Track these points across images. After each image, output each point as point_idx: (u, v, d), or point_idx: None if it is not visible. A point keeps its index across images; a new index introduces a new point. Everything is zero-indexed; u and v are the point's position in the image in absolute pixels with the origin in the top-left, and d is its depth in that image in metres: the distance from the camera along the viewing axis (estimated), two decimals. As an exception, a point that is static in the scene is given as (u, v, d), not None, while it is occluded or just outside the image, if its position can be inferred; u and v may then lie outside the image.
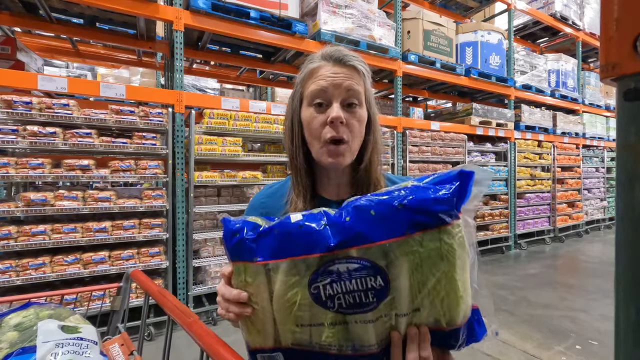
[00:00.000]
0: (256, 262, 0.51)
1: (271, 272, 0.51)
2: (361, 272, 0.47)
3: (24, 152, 2.88)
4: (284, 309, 0.50)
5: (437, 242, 0.47)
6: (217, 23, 3.12)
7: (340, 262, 0.47)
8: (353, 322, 0.48)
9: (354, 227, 0.48)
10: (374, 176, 0.74)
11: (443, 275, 0.47)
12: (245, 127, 3.25)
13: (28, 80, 2.46)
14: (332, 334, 0.49)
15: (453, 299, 0.47)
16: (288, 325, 0.51)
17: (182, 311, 0.73)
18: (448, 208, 0.47)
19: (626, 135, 0.27)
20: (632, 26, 0.26)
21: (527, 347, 2.65)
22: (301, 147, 0.73)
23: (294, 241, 0.50)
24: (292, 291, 0.49)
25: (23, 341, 0.68)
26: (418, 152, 4.65)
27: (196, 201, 3.21)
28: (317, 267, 0.48)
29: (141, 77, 4.96)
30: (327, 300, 0.48)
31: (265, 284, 0.51)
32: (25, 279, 2.45)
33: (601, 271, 4.60)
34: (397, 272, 0.47)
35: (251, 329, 0.53)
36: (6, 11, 3.01)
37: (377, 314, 0.48)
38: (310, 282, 0.48)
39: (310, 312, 0.49)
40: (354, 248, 0.47)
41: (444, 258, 0.47)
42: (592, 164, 7.55)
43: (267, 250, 0.51)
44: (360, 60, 0.72)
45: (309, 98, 0.70)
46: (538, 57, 6.28)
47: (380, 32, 4.04)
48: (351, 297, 0.47)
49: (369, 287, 0.47)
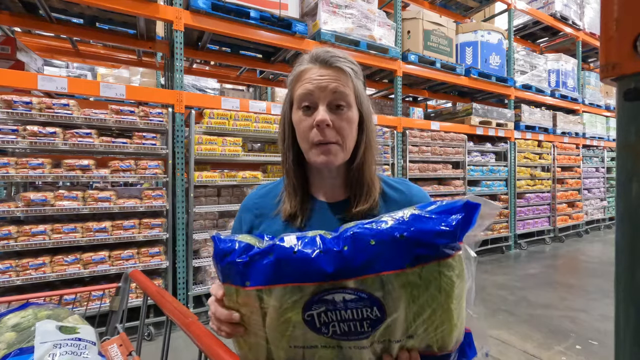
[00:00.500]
0: (247, 288, 0.50)
1: (264, 296, 0.50)
2: (357, 303, 0.46)
3: (24, 152, 2.88)
4: (277, 332, 0.50)
5: (437, 275, 0.46)
6: (217, 23, 3.11)
7: (336, 292, 0.47)
8: (347, 347, 0.48)
9: (352, 257, 0.47)
10: (367, 176, 0.74)
11: (439, 306, 0.46)
12: (245, 127, 3.25)
13: (28, 80, 2.46)
14: (326, 354, 0.49)
15: (447, 328, 0.47)
16: (281, 345, 0.51)
17: (180, 312, 0.73)
18: (450, 241, 0.46)
19: (626, 135, 0.27)
20: (632, 26, 0.26)
21: (527, 347, 2.65)
22: (292, 148, 0.74)
23: (288, 267, 0.49)
24: (285, 316, 0.49)
25: (21, 342, 0.68)
26: (418, 152, 4.65)
27: (196, 201, 3.21)
28: (312, 295, 0.47)
29: (141, 77, 4.96)
30: (321, 326, 0.48)
31: (257, 307, 0.51)
32: (25, 279, 2.45)
33: (601, 271, 4.60)
34: (394, 304, 0.46)
35: (243, 346, 0.54)
36: (6, 11, 3.01)
37: (371, 340, 0.48)
38: (305, 309, 0.48)
39: (304, 336, 0.49)
40: (351, 279, 0.46)
41: (442, 290, 0.46)
42: (592, 164, 7.55)
43: (260, 276, 0.50)
44: (347, 61, 0.72)
45: (297, 101, 0.71)
46: (538, 57, 6.28)
47: (380, 32, 4.04)
48: (346, 326, 0.47)
49: (365, 317, 0.46)
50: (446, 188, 4.97)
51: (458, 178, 5.14)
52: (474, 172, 5.34)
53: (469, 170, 5.27)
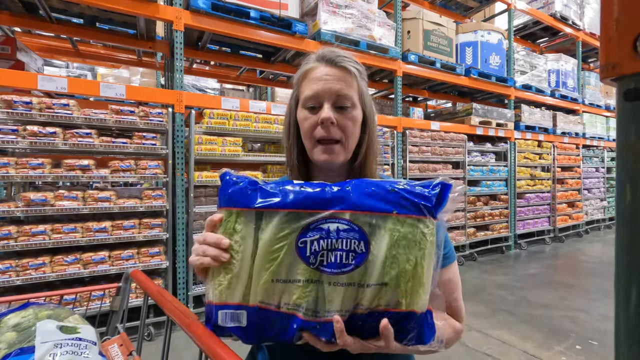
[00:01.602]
0: (253, 208, 0.54)
1: (263, 221, 0.54)
2: (348, 234, 0.52)
3: (24, 152, 2.88)
4: (266, 260, 0.53)
5: (415, 229, 0.53)
6: (217, 23, 3.12)
7: (331, 222, 0.53)
8: (327, 282, 0.52)
9: (352, 195, 0.54)
10: (369, 175, 0.76)
11: (413, 258, 0.52)
12: (245, 127, 3.25)
13: (28, 80, 2.46)
14: (304, 294, 0.52)
15: (417, 283, 0.52)
16: (263, 279, 0.52)
17: (181, 311, 0.73)
18: (428, 204, 0.54)
19: (626, 135, 0.27)
20: (632, 26, 0.26)
21: (527, 347, 2.65)
22: (296, 145, 0.75)
23: (293, 196, 0.54)
24: (279, 244, 0.52)
25: (21, 341, 0.68)
26: (418, 152, 4.65)
27: (196, 201, 3.21)
28: (311, 222, 0.53)
29: (141, 77, 4.97)
30: (310, 255, 0.52)
31: (252, 233, 0.54)
32: (25, 279, 2.45)
33: (601, 271, 4.60)
34: (378, 243, 0.52)
35: (221, 281, 0.54)
36: (6, 11, 3.01)
37: (350, 279, 0.52)
38: (300, 236, 0.52)
39: (289, 268, 0.53)
40: (348, 212, 0.53)
41: (417, 244, 0.52)
42: (592, 164, 7.55)
43: (265, 200, 0.54)
44: (352, 61, 0.74)
45: (303, 100, 0.72)
46: (538, 57, 6.28)
47: (380, 32, 4.04)
48: (333, 256, 0.52)
49: (352, 249, 0.52)
50: (446, 188, 4.96)
51: (458, 178, 5.14)
52: (474, 172, 5.34)
53: (469, 170, 5.27)
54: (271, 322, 0.53)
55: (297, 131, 0.75)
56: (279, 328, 0.53)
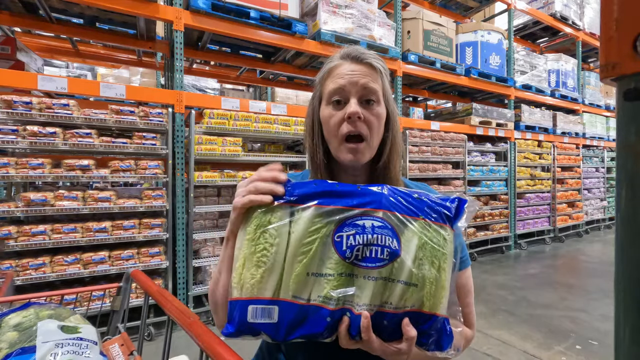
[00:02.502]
0: (288, 203, 0.55)
1: (296, 215, 0.55)
2: (383, 230, 0.54)
3: (24, 152, 2.88)
4: (298, 253, 0.53)
5: (439, 235, 0.56)
6: (217, 23, 3.12)
7: (367, 219, 0.55)
8: (360, 276, 0.53)
9: (386, 197, 0.57)
10: (393, 176, 0.75)
11: (437, 261, 0.54)
12: (245, 127, 3.25)
13: (28, 80, 2.46)
14: (335, 286, 0.53)
15: (440, 287, 0.54)
16: (296, 271, 0.53)
17: (181, 311, 0.73)
18: (449, 213, 0.57)
19: (626, 135, 0.27)
20: (632, 26, 0.26)
21: (527, 347, 2.65)
22: (321, 145, 0.74)
23: (328, 192, 0.56)
24: (311, 236, 0.54)
25: (23, 341, 0.68)
26: (418, 152, 4.65)
27: (196, 201, 3.21)
28: (347, 218, 0.54)
29: (141, 77, 4.96)
30: (346, 249, 0.53)
31: (287, 228, 0.55)
32: (25, 279, 2.45)
33: (601, 271, 4.60)
34: (408, 243, 0.55)
35: (254, 275, 0.53)
36: (6, 11, 3.01)
37: (381, 273, 0.53)
38: (336, 230, 0.54)
39: (321, 261, 0.54)
40: (381, 210, 0.55)
41: (440, 249, 0.55)
42: (592, 164, 7.55)
43: (301, 196, 0.56)
44: (377, 58, 0.74)
45: (328, 96, 0.71)
46: (538, 57, 6.28)
47: (380, 32, 4.04)
48: (369, 250, 0.53)
49: (386, 245, 0.54)
50: (446, 188, 4.97)
51: (458, 178, 5.14)
52: (474, 172, 5.34)
53: (469, 170, 5.27)
54: (303, 317, 0.53)
55: (321, 130, 0.74)
56: (310, 322, 0.53)
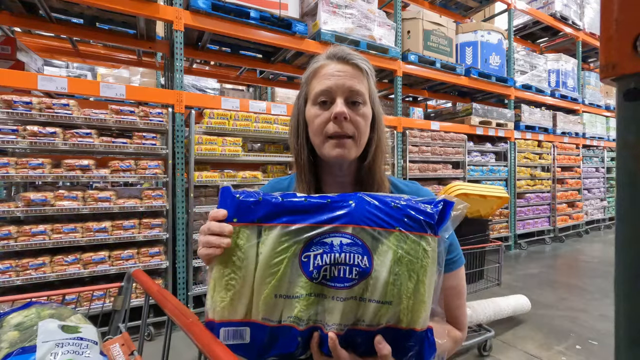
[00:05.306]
0: (253, 223, 0.54)
1: (263, 235, 0.53)
2: (352, 248, 0.51)
3: (24, 152, 2.88)
4: (266, 275, 0.52)
5: (417, 245, 0.52)
6: (217, 23, 3.12)
7: (335, 236, 0.52)
8: (329, 296, 0.51)
9: (355, 209, 0.53)
10: (378, 176, 0.75)
11: (415, 275, 0.51)
12: (245, 127, 3.25)
13: (28, 80, 2.46)
14: (305, 307, 0.51)
15: (418, 301, 0.51)
16: (264, 293, 0.52)
17: (181, 312, 0.73)
18: (430, 220, 0.53)
19: (626, 135, 0.27)
20: (632, 26, 0.26)
21: (527, 347, 2.65)
22: (306, 145, 0.74)
23: (296, 209, 0.54)
24: (279, 257, 0.52)
25: (23, 341, 0.68)
26: (418, 152, 4.65)
27: (196, 201, 3.21)
28: (314, 237, 0.52)
29: (141, 77, 4.96)
30: (313, 270, 0.51)
31: (254, 249, 0.53)
32: (25, 279, 2.45)
33: (601, 271, 4.60)
34: (381, 259, 0.51)
35: (223, 298, 0.53)
36: (6, 11, 3.01)
37: (351, 293, 0.51)
38: (304, 250, 0.52)
39: (290, 284, 0.52)
40: (350, 226, 0.52)
41: (419, 261, 0.52)
42: (592, 164, 7.55)
43: (267, 214, 0.54)
44: (363, 59, 0.74)
45: (314, 97, 0.71)
46: (538, 57, 6.28)
47: (380, 32, 4.04)
48: (337, 270, 0.51)
49: (354, 264, 0.51)
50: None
51: (458, 178, 5.14)
52: (474, 172, 5.34)
53: (469, 170, 5.27)
54: (274, 337, 0.53)
55: (306, 130, 0.74)
56: (281, 342, 0.53)
